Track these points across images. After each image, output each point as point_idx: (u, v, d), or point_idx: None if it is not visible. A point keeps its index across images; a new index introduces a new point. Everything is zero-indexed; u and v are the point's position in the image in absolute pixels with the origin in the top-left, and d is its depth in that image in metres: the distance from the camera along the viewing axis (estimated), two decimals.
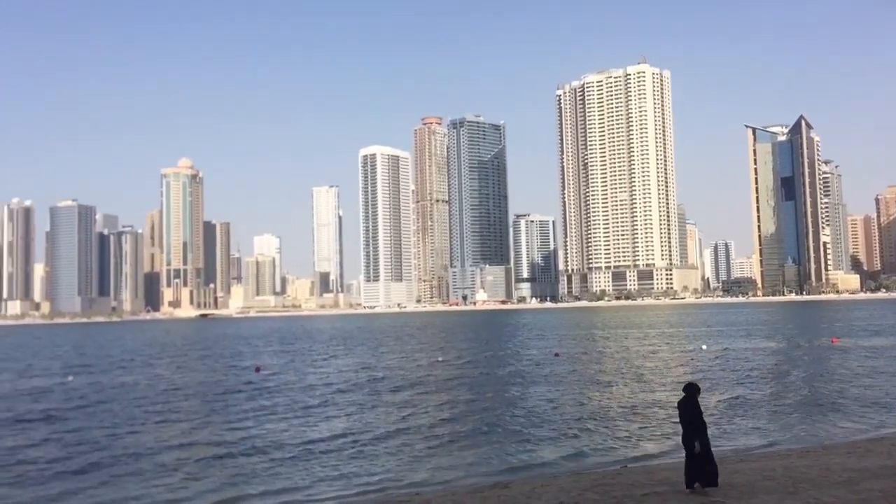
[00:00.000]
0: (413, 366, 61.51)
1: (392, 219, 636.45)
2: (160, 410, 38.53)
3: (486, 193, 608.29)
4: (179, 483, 22.41)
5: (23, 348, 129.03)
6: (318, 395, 42.64)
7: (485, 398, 39.18)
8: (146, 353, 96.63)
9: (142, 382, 54.52)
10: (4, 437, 31.42)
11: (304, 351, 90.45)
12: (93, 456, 26.75)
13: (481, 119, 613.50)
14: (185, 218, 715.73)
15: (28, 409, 40.51)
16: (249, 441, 28.72)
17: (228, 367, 68.11)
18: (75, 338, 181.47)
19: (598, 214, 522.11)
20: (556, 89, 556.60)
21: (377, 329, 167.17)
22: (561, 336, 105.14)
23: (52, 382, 57.20)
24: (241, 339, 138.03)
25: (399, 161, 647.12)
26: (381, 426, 31.35)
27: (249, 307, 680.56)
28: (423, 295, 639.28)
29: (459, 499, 18.46)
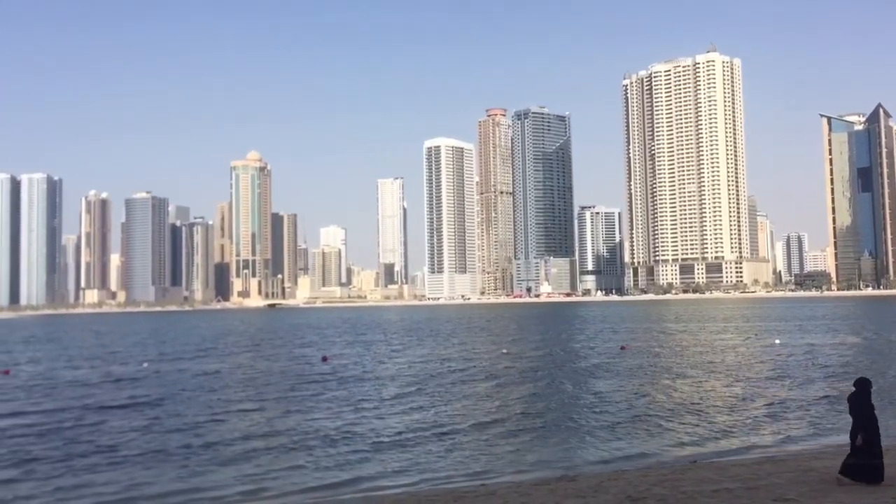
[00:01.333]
0: (478, 358, 61.55)
1: (456, 210, 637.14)
2: (232, 399, 39.41)
3: (551, 185, 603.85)
4: (252, 472, 22.80)
5: (104, 336, 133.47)
6: (384, 386, 43.03)
7: (550, 391, 39.01)
8: (220, 342, 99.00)
9: (216, 370, 55.86)
10: (84, 424, 32.54)
11: (371, 341, 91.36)
12: (168, 443, 27.52)
13: (546, 110, 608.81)
14: (253, 210, 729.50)
15: (110, 397, 41.90)
16: (318, 431, 29.14)
17: (297, 356, 69.27)
18: (150, 326, 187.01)
19: (666, 206, 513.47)
20: (623, 79, 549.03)
21: (442, 320, 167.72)
22: (627, 329, 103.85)
23: (130, 369, 59.09)
24: (310, 328, 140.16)
25: (463, 153, 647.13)
26: (446, 418, 31.49)
27: (316, 298, 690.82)
28: (486, 287, 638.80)
29: (525, 490, 18.43)
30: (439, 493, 19.05)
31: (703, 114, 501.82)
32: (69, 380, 51.36)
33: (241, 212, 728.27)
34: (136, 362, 65.56)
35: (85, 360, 71.95)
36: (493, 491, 18.79)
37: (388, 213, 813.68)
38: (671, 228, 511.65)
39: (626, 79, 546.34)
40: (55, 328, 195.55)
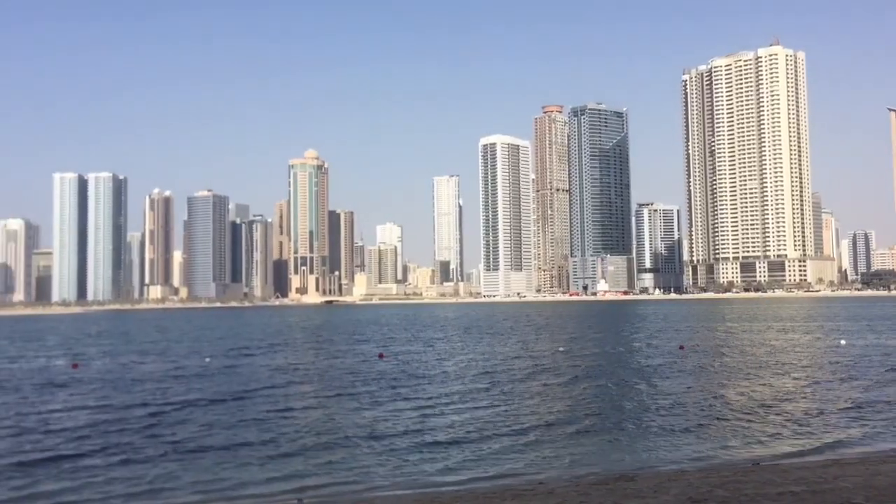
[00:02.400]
0: (535, 356, 61.33)
1: (512, 208, 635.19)
2: (292, 395, 40.06)
3: (608, 182, 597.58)
4: (307, 467, 23.18)
5: (169, 331, 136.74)
6: (441, 384, 43.19)
7: (608, 390, 38.70)
8: (280, 339, 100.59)
9: (277, 366, 56.82)
10: (143, 419, 33.40)
11: (428, 339, 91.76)
12: (240, 437, 28.14)
13: (603, 106, 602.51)
14: (311, 207, 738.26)
15: (180, 391, 42.99)
16: (375, 426, 29.45)
17: (355, 353, 69.99)
18: (212, 322, 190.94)
19: (726, 203, 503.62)
20: (682, 74, 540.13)
21: (498, 318, 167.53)
22: (687, 328, 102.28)
23: (193, 363, 60.49)
24: (367, 325, 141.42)
25: (519, 150, 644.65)
26: (504, 416, 31.48)
27: (372, 294, 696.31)
28: (542, 284, 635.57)
29: (584, 490, 18.34)
30: (497, 491, 19.07)
31: (765, 109, 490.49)
32: (140, 374, 52.80)
33: (299, 209, 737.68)
34: (200, 357, 67.06)
35: (154, 354, 73.87)
36: (551, 490, 18.74)
37: (444, 211, 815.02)
38: (732, 226, 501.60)
39: (685, 74, 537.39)
40: (122, 323, 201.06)
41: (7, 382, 48.53)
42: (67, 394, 41.46)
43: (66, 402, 38.15)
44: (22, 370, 58.06)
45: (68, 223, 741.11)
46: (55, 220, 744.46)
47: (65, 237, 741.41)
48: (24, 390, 43.72)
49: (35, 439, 27.96)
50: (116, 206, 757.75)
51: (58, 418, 32.78)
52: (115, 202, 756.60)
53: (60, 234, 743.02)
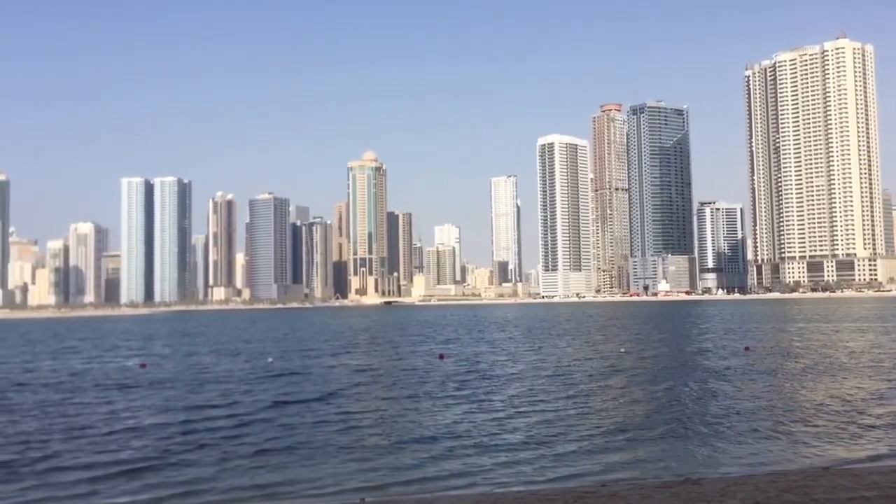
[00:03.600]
0: (597, 357, 60.83)
1: (570, 208, 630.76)
2: (353, 395, 40.51)
3: (668, 181, 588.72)
4: (370, 467, 23.41)
5: (232, 332, 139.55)
6: (502, 384, 43.16)
7: (671, 391, 38.14)
8: (342, 339, 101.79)
9: (341, 366, 57.57)
10: (209, 419, 34.15)
11: (487, 339, 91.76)
12: (291, 436, 28.62)
13: (663, 104, 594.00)
14: (369, 209, 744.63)
15: (238, 391, 43.88)
16: (437, 427, 29.62)
17: (415, 353, 70.41)
18: (276, 323, 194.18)
19: (792, 201, 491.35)
20: (745, 70, 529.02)
21: (557, 319, 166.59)
22: (752, 329, 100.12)
23: (257, 364, 61.66)
24: (426, 326, 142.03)
25: (577, 149, 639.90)
26: (566, 417, 31.32)
27: (431, 295, 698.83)
28: (602, 285, 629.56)
29: (647, 493, 18.14)
30: (559, 493, 18.99)
31: (832, 103, 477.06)
32: (206, 374, 54.03)
33: (357, 211, 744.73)
34: (265, 357, 68.30)
35: (219, 355, 75.49)
36: (614, 492, 18.59)
37: (502, 212, 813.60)
38: (798, 224, 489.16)
39: (748, 69, 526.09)
40: (187, 324, 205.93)
41: (80, 382, 50.16)
42: (135, 395, 42.62)
43: (132, 402, 39.23)
44: (95, 370, 59.94)
45: (136, 226, 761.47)
46: (123, 223, 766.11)
47: (132, 240, 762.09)
48: (96, 391, 45.11)
49: (105, 441, 28.84)
50: (181, 210, 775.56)
51: (125, 419, 33.76)
52: (180, 205, 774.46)
53: (128, 238, 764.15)
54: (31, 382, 50.03)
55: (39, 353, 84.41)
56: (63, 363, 68.29)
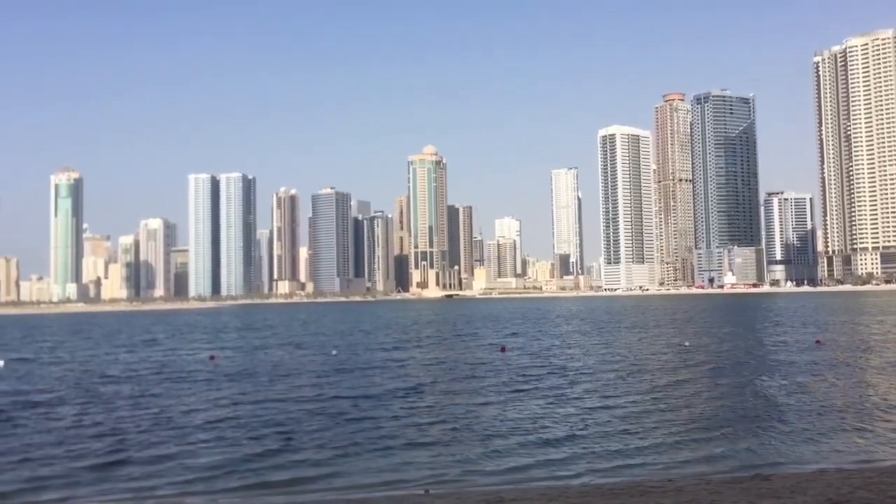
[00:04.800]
0: (659, 350, 60.12)
1: (633, 199, 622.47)
2: (417, 386, 40.84)
3: (734, 171, 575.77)
4: (435, 458, 23.62)
5: (297, 325, 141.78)
6: (564, 377, 43.02)
7: (738, 386, 37.46)
8: (408, 332, 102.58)
9: (402, 359, 58.11)
10: (275, 413, 34.83)
11: (549, 332, 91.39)
12: (357, 428, 29.03)
13: (728, 93, 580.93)
14: (430, 202, 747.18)
15: (305, 383, 44.68)
16: (501, 419, 29.74)
17: (478, 346, 70.60)
18: (340, 316, 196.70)
19: (864, 190, 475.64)
20: (814, 56, 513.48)
21: (620, 312, 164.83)
22: (823, 322, 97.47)
23: (322, 356, 62.64)
24: (487, 319, 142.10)
25: (639, 140, 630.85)
26: (631, 410, 31.08)
27: (492, 289, 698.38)
28: (665, 277, 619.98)
29: (715, 488, 17.92)
30: (624, 487, 18.90)
31: None
32: (274, 367, 55.15)
33: (418, 205, 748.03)
34: (330, 350, 69.34)
35: (287, 347, 76.94)
36: (680, 487, 18.40)
37: (563, 204, 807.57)
38: (871, 214, 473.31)
39: (817, 55, 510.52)
40: (253, 317, 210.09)
41: (164, 374, 51.71)
42: (205, 386, 43.75)
43: (208, 395, 40.29)
44: (174, 363, 61.72)
45: (203, 222, 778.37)
46: (191, 219, 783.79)
47: (199, 235, 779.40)
48: (177, 382, 46.45)
49: (192, 433, 29.71)
50: (246, 205, 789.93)
51: (191, 411, 34.70)
52: (245, 201, 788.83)
53: (196, 233, 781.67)
54: (117, 375, 51.55)
55: (121, 346, 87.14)
56: (143, 355, 70.39)
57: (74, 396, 39.60)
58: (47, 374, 53.96)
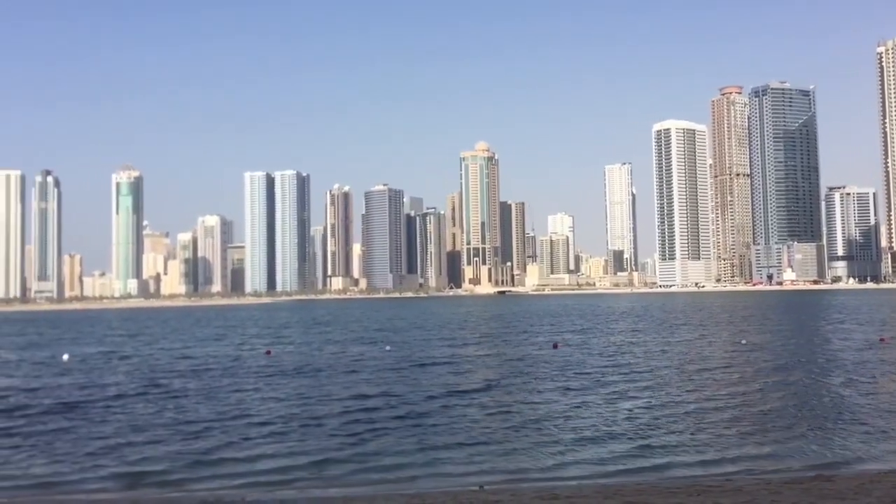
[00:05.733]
0: (716, 348, 59.24)
1: (688, 195, 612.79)
2: (473, 383, 40.97)
3: (793, 165, 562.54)
4: (489, 455, 23.72)
5: (352, 321, 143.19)
6: (619, 374, 42.73)
7: (799, 384, 36.70)
8: (463, 328, 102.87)
9: (458, 355, 58.35)
10: (329, 406, 35.22)
11: (602, 329, 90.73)
12: (410, 422, 29.26)
13: (787, 85, 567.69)
14: (482, 199, 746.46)
15: (359, 378, 45.15)
16: (557, 415, 29.69)
17: (530, 342, 70.48)
18: (392, 311, 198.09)
19: None
20: (877, 46, 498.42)
21: (675, 308, 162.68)
22: (887, 320, 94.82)
23: (376, 352, 63.26)
24: (539, 315, 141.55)
25: (695, 134, 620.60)
26: (688, 408, 30.71)
27: (544, 285, 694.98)
28: (722, 274, 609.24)
29: (775, 488, 17.62)
30: (681, 486, 18.71)
31: None
32: (328, 362, 55.88)
33: (470, 201, 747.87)
34: (383, 346, 69.98)
35: (341, 343, 77.88)
36: (739, 487, 18.15)
37: (617, 200, 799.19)
38: None
39: (880, 46, 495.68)
40: (313, 312, 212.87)
41: (237, 368, 52.84)
42: (263, 382, 44.52)
43: (263, 390, 41.01)
44: (240, 357, 63.00)
45: (258, 218, 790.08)
46: (246, 216, 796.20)
47: (255, 232, 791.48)
48: (244, 376, 47.43)
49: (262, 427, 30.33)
50: (300, 202, 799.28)
51: (253, 407, 35.38)
52: (300, 198, 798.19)
53: (251, 230, 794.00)
54: (183, 369, 52.68)
55: (188, 341, 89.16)
56: (207, 350, 71.88)
57: (145, 390, 40.57)
58: (118, 368, 55.52)
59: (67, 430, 28.85)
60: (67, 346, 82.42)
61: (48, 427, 29.64)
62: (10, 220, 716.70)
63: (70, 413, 33.06)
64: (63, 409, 34.00)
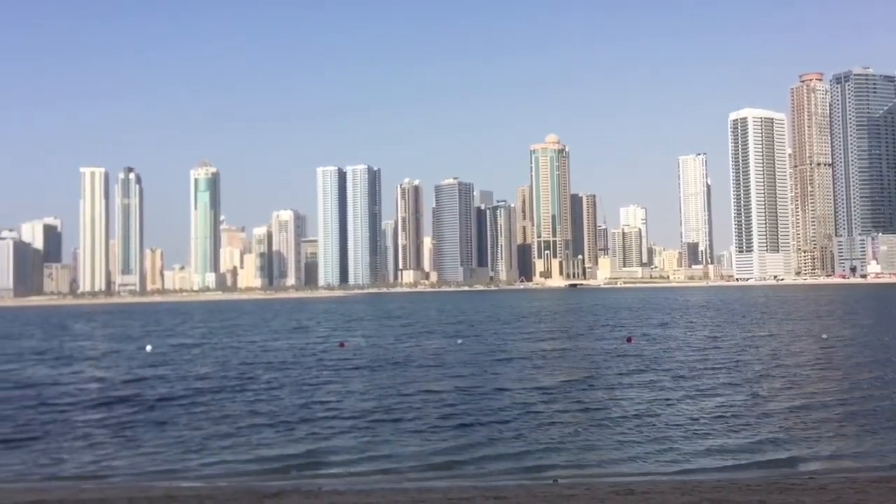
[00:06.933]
0: (796, 343, 57.67)
1: (766, 185, 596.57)
2: (545, 377, 40.97)
3: (878, 154, 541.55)
4: (563, 447, 23.72)
5: (423, 313, 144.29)
6: (697, 368, 42.12)
7: (885, 380, 35.56)
8: (529, 320, 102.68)
9: (529, 350, 58.33)
10: (400, 399, 35.62)
11: (676, 323, 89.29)
12: (481, 416, 29.39)
13: (870, 71, 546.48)
14: (552, 191, 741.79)
15: (426, 370, 45.58)
16: (631, 409, 29.52)
17: (604, 337, 69.89)
18: (466, 304, 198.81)
19: None
20: None
21: (752, 302, 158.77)
22: None
23: (446, 344, 63.69)
24: (612, 309, 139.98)
25: (773, 123, 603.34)
26: (768, 404, 30.14)
27: (617, 278, 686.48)
28: (802, 266, 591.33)
29: (861, 487, 17.16)
30: (762, 483, 18.37)
31: None
32: (402, 356, 56.53)
33: (541, 194, 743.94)
34: (455, 339, 70.38)
35: (415, 336, 78.64)
36: (823, 485, 17.72)
37: (691, 191, 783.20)
38: None
39: None
40: (387, 306, 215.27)
41: (301, 360, 54.03)
42: (337, 375, 45.39)
43: (340, 382, 41.80)
44: (301, 348, 64.31)
45: (330, 213, 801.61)
46: (319, 210, 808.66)
47: (328, 226, 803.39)
48: (314, 368, 48.50)
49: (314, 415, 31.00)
50: (372, 196, 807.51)
51: (332, 400, 36.08)
52: (371, 192, 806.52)
53: (324, 224, 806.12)
54: (267, 361, 53.99)
55: (275, 332, 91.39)
56: (287, 342, 73.53)
57: (236, 382, 41.77)
58: (208, 358, 57.40)
59: (165, 422, 29.86)
60: (157, 338, 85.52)
61: (152, 417, 30.97)
62: (96, 216, 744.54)
63: (163, 405, 34.27)
64: (158, 402, 35.12)
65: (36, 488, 20.29)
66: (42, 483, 21.15)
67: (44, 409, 33.17)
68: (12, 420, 30.47)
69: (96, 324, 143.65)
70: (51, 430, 28.29)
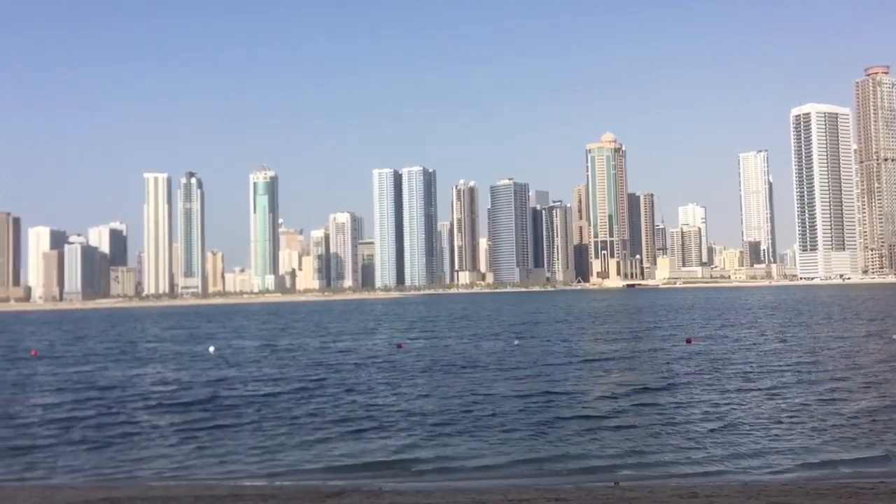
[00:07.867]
0: (864, 343, 56.15)
1: (830, 182, 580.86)
2: (604, 378, 40.76)
3: None
4: (624, 450, 23.63)
5: (481, 314, 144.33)
6: (761, 370, 41.46)
7: None
8: (586, 321, 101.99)
9: (584, 352, 58.05)
10: (456, 399, 35.78)
11: (743, 323, 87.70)
12: (541, 419, 29.38)
13: None
14: (609, 191, 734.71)
15: (485, 372, 45.71)
16: (693, 412, 29.26)
17: (664, 337, 69.10)
18: (525, 305, 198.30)
19: None
20: None
21: (819, 302, 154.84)
22: None
23: (502, 346, 63.76)
24: (670, 309, 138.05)
25: (838, 118, 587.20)
26: (836, 407, 29.51)
27: (676, 278, 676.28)
28: (870, 265, 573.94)
29: None
30: (830, 487, 18.05)
31: None
32: (456, 357, 56.81)
33: (597, 194, 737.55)
34: (511, 340, 70.37)
35: (469, 337, 78.87)
36: (894, 490, 17.30)
37: (752, 189, 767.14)
38: None
39: None
40: (440, 307, 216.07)
41: (375, 361, 54.76)
42: (392, 374, 45.80)
43: (394, 384, 42.21)
44: (363, 349, 65.03)
45: (386, 215, 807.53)
46: (375, 212, 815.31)
47: (384, 228, 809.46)
48: (384, 370, 49.03)
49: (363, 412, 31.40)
50: (427, 198, 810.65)
51: (393, 400, 36.49)
52: (426, 194, 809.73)
53: (380, 226, 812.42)
54: (344, 361, 54.94)
55: (340, 334, 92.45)
56: (363, 343, 74.51)
57: (298, 383, 42.48)
58: (271, 360, 58.50)
59: (233, 424, 30.50)
60: (220, 340, 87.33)
61: (219, 418, 31.82)
62: (159, 220, 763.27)
63: (229, 406, 35.15)
64: (225, 403, 35.93)
65: (106, 486, 21.02)
66: (112, 481, 21.89)
67: (117, 411, 34.32)
68: (90, 422, 31.56)
69: (164, 325, 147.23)
70: (126, 431, 29.22)
